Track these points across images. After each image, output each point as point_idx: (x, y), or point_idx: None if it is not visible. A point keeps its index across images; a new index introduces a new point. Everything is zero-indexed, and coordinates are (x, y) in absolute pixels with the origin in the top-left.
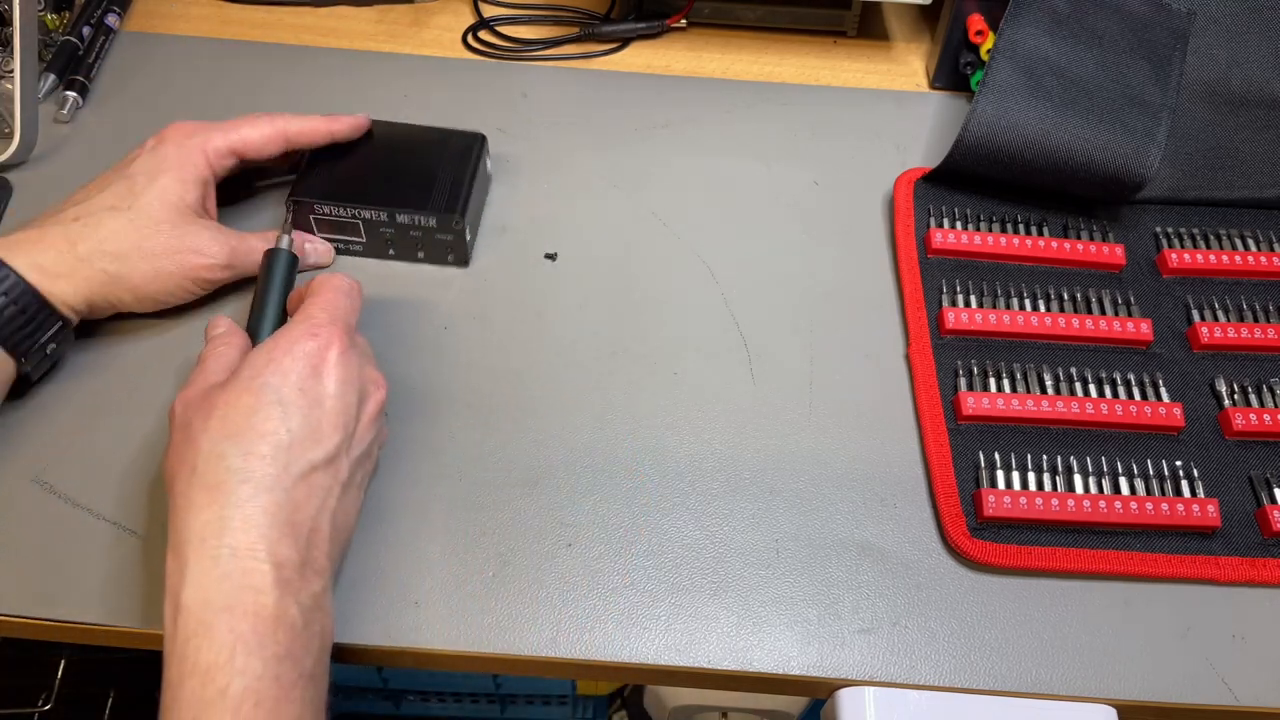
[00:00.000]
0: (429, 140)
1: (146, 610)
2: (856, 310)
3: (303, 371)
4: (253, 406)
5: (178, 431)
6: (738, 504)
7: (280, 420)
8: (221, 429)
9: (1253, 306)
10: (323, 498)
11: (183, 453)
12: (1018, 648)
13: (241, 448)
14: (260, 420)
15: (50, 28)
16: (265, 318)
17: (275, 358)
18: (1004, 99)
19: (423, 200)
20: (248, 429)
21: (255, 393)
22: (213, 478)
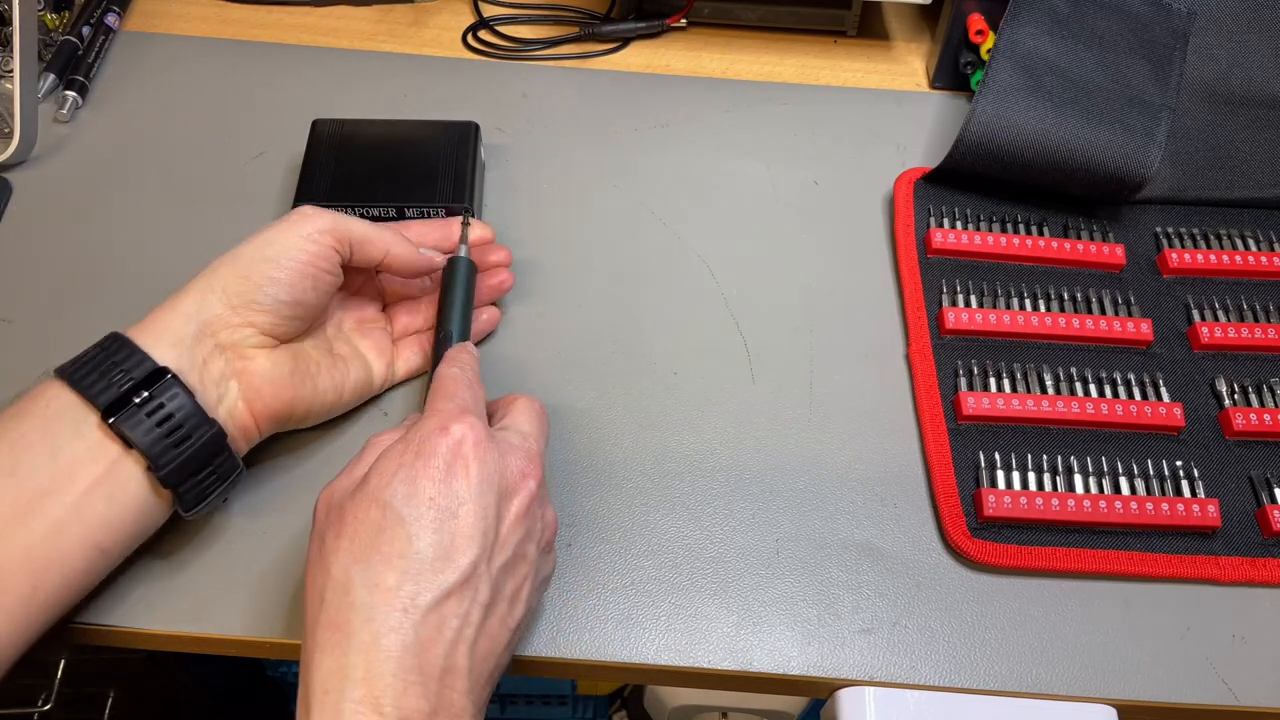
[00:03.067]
0: (423, 133)
1: (146, 610)
2: (856, 310)
3: (433, 475)
4: (379, 524)
5: (314, 542)
6: (738, 504)
7: (408, 540)
8: (350, 551)
9: (1253, 306)
10: (457, 628)
11: (315, 575)
12: (1018, 648)
13: (368, 577)
14: (386, 541)
15: (50, 27)
16: (451, 337)
17: (405, 462)
18: (1004, 99)
19: (429, 192)
20: (374, 552)
21: (382, 506)
22: (338, 614)
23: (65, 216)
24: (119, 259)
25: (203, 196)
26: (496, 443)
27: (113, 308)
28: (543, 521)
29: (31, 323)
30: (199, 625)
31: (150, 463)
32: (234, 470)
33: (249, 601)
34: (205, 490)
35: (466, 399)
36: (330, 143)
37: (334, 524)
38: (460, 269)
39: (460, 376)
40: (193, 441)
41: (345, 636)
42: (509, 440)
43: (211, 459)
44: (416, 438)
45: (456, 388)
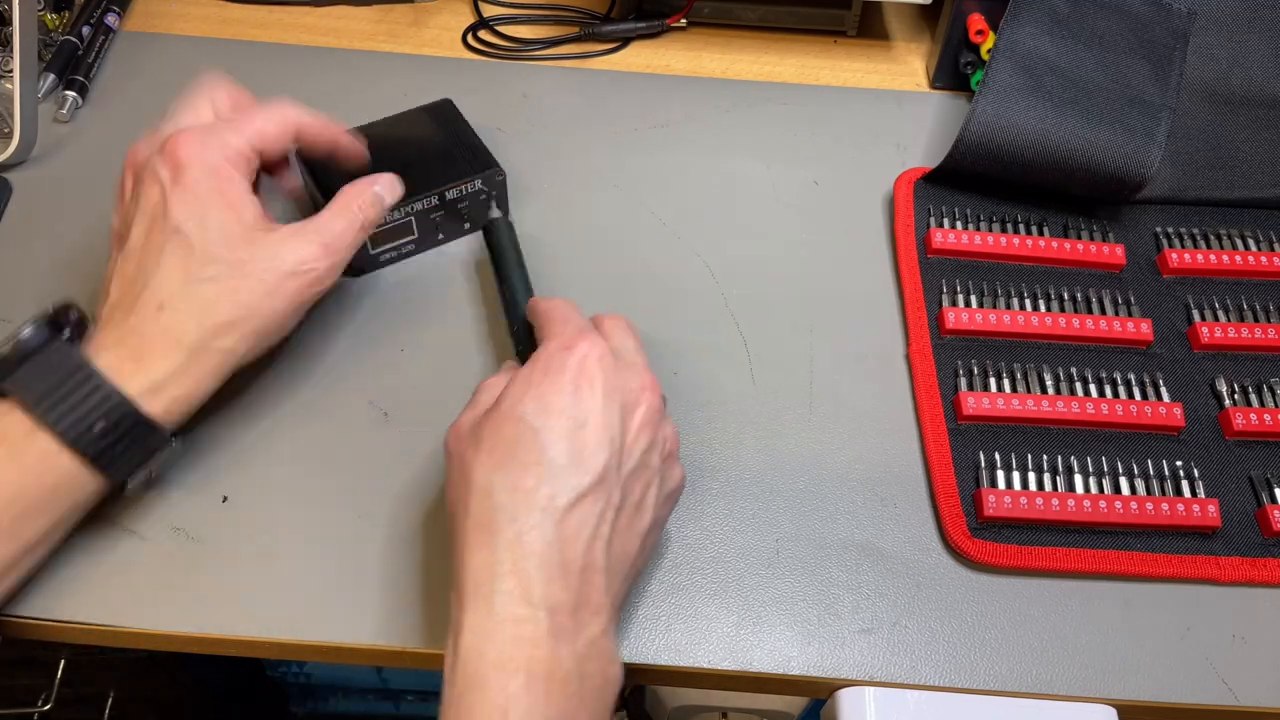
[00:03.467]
0: (409, 122)
1: (145, 610)
2: (856, 310)
3: (562, 390)
4: (515, 435)
5: (453, 463)
6: (738, 504)
7: (542, 449)
8: (490, 461)
9: (1253, 306)
10: (594, 526)
11: (458, 487)
12: (1018, 648)
13: (508, 481)
14: (523, 450)
15: (50, 27)
16: (517, 291)
17: (534, 380)
18: (1004, 99)
19: (455, 170)
20: (511, 460)
21: (516, 420)
22: (483, 515)
23: (65, 216)
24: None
25: None
26: (616, 359)
27: None
28: (663, 433)
29: None
30: (199, 625)
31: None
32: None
33: (249, 601)
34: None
35: (579, 321)
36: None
37: (471, 443)
38: (501, 233)
39: (563, 304)
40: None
41: (492, 535)
42: (625, 358)
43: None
44: (543, 357)
45: (568, 311)
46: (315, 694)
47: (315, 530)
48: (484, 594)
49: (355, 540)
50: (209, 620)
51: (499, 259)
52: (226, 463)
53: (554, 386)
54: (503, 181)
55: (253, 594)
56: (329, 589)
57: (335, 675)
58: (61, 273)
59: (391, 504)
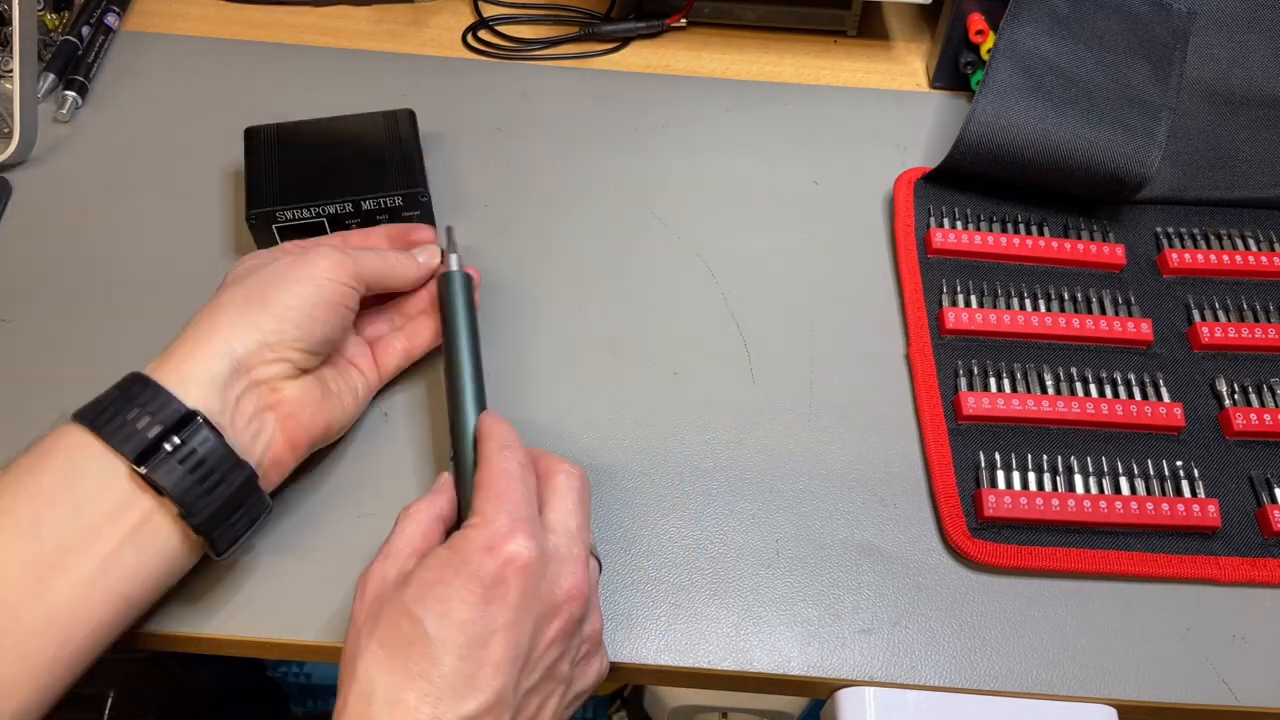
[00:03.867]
0: (362, 126)
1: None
2: (856, 310)
3: (470, 600)
4: (409, 637)
5: (351, 629)
6: (738, 504)
7: (432, 662)
8: (378, 657)
9: (1253, 306)
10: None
11: (345, 664)
12: (1018, 648)
13: (391, 691)
14: (414, 658)
15: (50, 27)
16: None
17: (444, 577)
18: (1004, 99)
19: (380, 182)
20: (400, 665)
21: (413, 621)
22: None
23: (65, 216)
24: (119, 259)
25: (202, 196)
26: (545, 561)
27: (113, 308)
28: (582, 635)
29: (31, 323)
30: (199, 625)
31: (183, 510)
32: (264, 511)
33: (249, 601)
34: (237, 533)
35: (519, 505)
36: (269, 147)
37: (369, 622)
38: (455, 286)
39: (512, 474)
40: (225, 486)
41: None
42: (559, 552)
43: (243, 501)
44: (463, 550)
45: (508, 486)
46: (315, 694)
47: (315, 531)
48: None
49: (355, 541)
50: (209, 620)
51: (447, 324)
52: None
53: (462, 595)
54: (427, 203)
55: (253, 594)
56: (329, 589)
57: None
58: (61, 273)
59: (391, 504)
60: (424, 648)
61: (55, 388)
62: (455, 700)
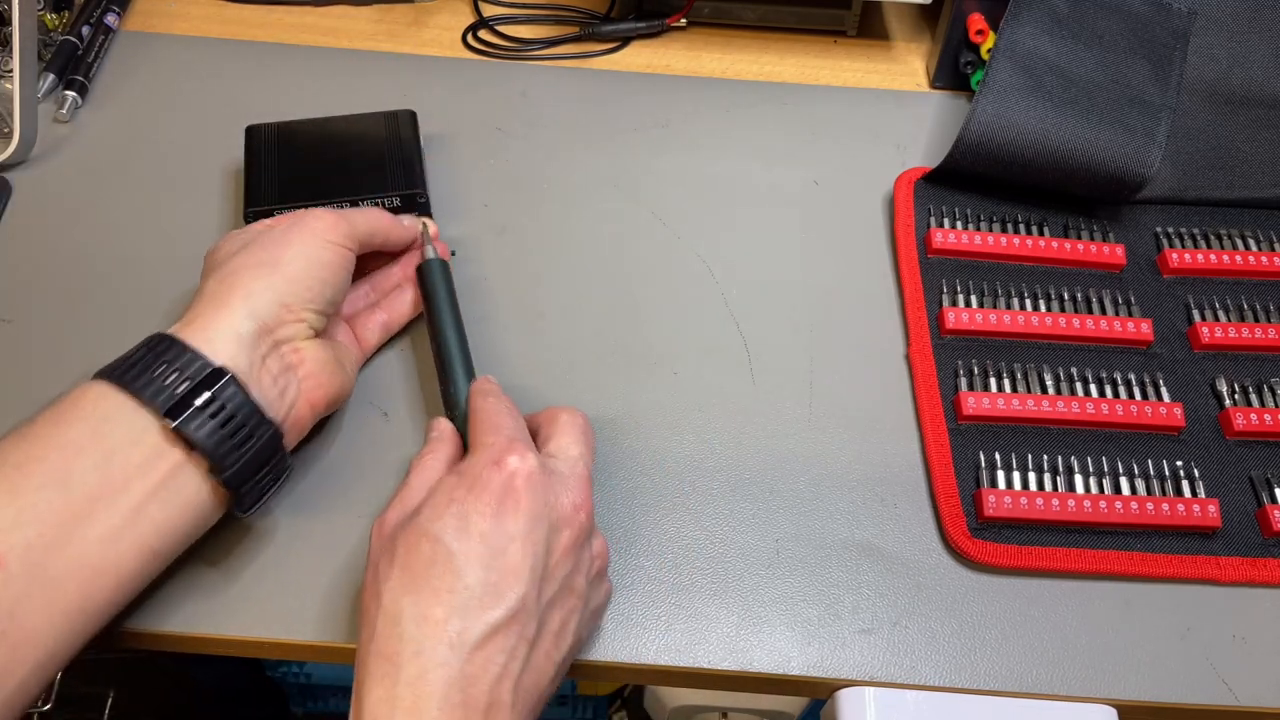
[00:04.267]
0: (363, 126)
1: (145, 609)
2: (856, 310)
3: (485, 511)
4: (430, 557)
5: (369, 568)
6: (738, 504)
7: (456, 575)
8: (401, 581)
9: (1253, 306)
10: (503, 663)
11: (368, 602)
12: (1018, 648)
13: (418, 608)
14: (437, 574)
15: (50, 27)
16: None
17: (456, 497)
18: (1004, 99)
19: (380, 182)
20: (424, 584)
21: (433, 540)
22: (387, 644)
23: (65, 216)
24: (119, 259)
25: (203, 196)
26: (548, 474)
27: (113, 307)
28: (591, 552)
29: (31, 323)
30: (199, 625)
31: (214, 465)
32: (286, 470)
33: (249, 601)
34: (263, 489)
35: (512, 428)
36: (269, 146)
37: (386, 553)
38: (434, 272)
39: (498, 405)
40: (255, 441)
41: (394, 668)
42: (559, 470)
43: (270, 458)
44: (470, 471)
45: (499, 417)
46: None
47: (315, 530)
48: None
49: (355, 540)
50: (209, 620)
51: (431, 309)
52: None
53: (476, 506)
54: (426, 204)
55: (253, 594)
56: (329, 589)
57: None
58: (61, 273)
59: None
60: (447, 563)
61: (55, 388)
62: (481, 609)
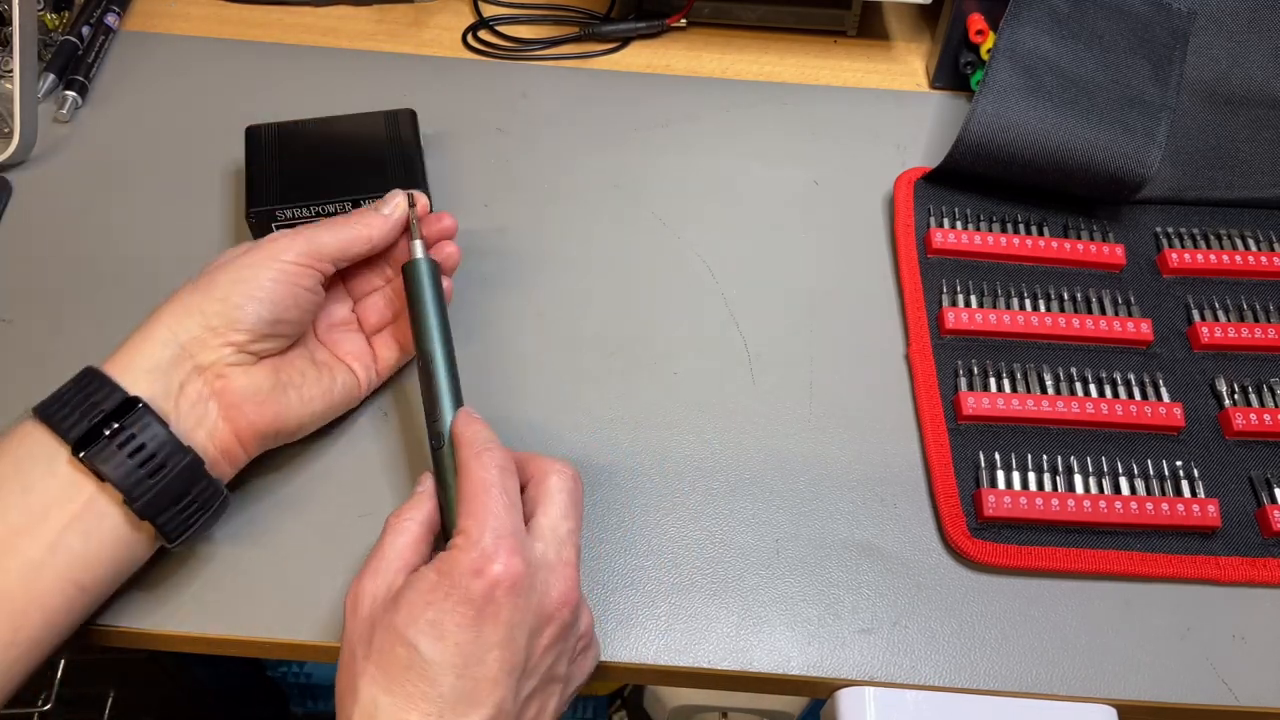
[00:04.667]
0: (363, 125)
1: (145, 609)
2: (856, 310)
3: (462, 622)
4: (406, 662)
5: (344, 647)
6: (738, 504)
7: (430, 683)
8: (376, 679)
9: (1253, 306)
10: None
11: (344, 684)
12: (1018, 648)
13: (393, 712)
14: (411, 680)
15: (50, 27)
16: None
17: (434, 601)
18: (1004, 99)
19: (381, 182)
20: (399, 687)
21: (408, 646)
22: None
23: (65, 216)
24: (119, 259)
25: (203, 196)
26: (533, 572)
27: (113, 308)
28: (576, 634)
29: (31, 323)
30: (199, 625)
31: (125, 495)
32: (216, 497)
33: (249, 601)
34: (187, 520)
35: (503, 520)
36: (270, 146)
37: (363, 643)
38: (421, 274)
39: (492, 482)
40: (168, 470)
41: None
42: (547, 560)
43: (190, 487)
44: (451, 573)
45: (491, 502)
46: (315, 694)
47: (315, 530)
48: None
49: (355, 540)
50: (209, 620)
51: (415, 316)
52: None
53: (455, 619)
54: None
55: (253, 594)
56: (329, 589)
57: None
58: (61, 273)
59: (392, 504)
60: (421, 670)
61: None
62: (456, 717)
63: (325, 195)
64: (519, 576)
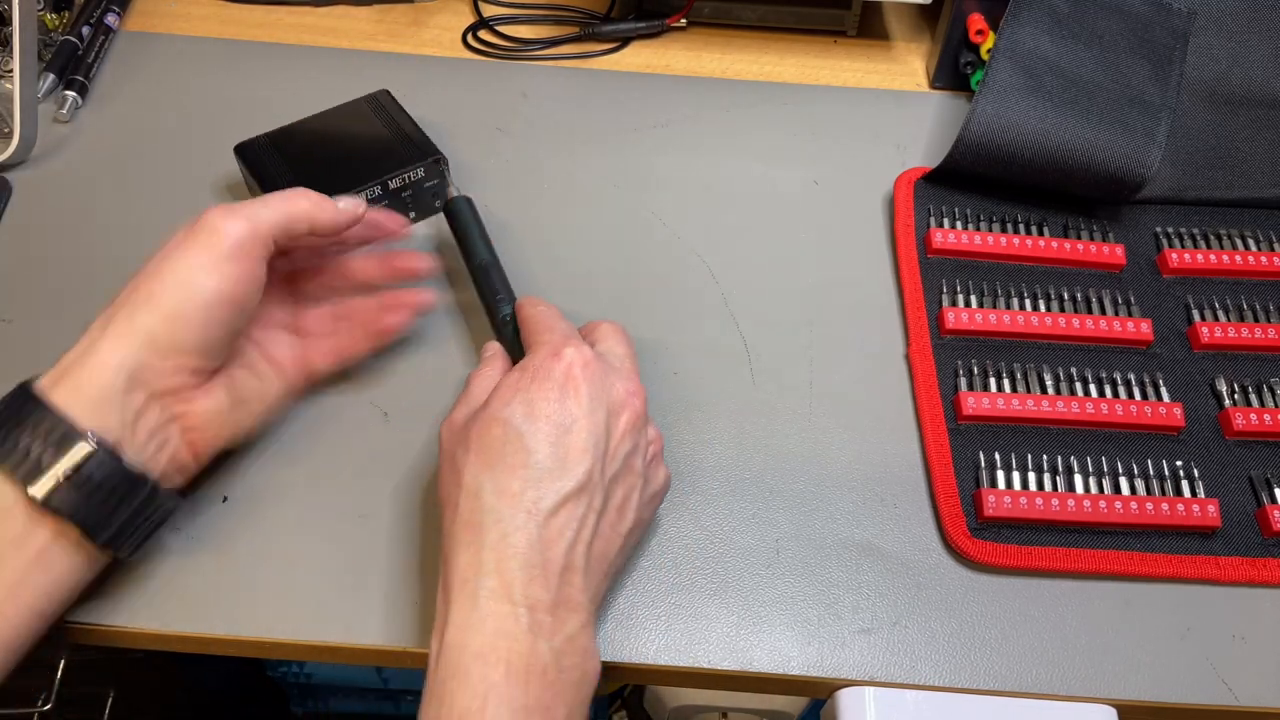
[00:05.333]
0: (349, 114)
1: (145, 610)
2: (856, 310)
3: (549, 396)
4: (502, 438)
5: (444, 460)
6: (738, 504)
7: (528, 452)
8: (478, 461)
9: (1253, 306)
10: (575, 529)
11: (449, 485)
12: (1018, 648)
13: (496, 483)
14: (511, 452)
15: (50, 27)
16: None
17: (522, 386)
18: (1004, 99)
19: (398, 159)
20: (499, 462)
21: (504, 423)
22: (472, 516)
23: (65, 216)
24: (119, 259)
25: (202, 196)
26: (603, 364)
27: None
28: (646, 437)
29: (31, 323)
30: (199, 625)
31: (86, 531)
32: (171, 511)
33: (249, 601)
34: (141, 538)
35: (565, 328)
36: (270, 155)
37: (462, 442)
38: (463, 209)
39: (548, 311)
40: (125, 505)
41: (478, 534)
42: (611, 363)
43: (147, 513)
44: (531, 365)
45: (552, 320)
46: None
47: (315, 530)
48: (469, 590)
49: (355, 540)
50: (209, 620)
51: (465, 240)
52: (227, 463)
53: (541, 392)
54: (444, 169)
55: (253, 594)
56: (329, 589)
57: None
58: (61, 273)
59: (391, 504)
60: (519, 443)
61: None
62: (553, 480)
63: (353, 184)
64: (590, 359)
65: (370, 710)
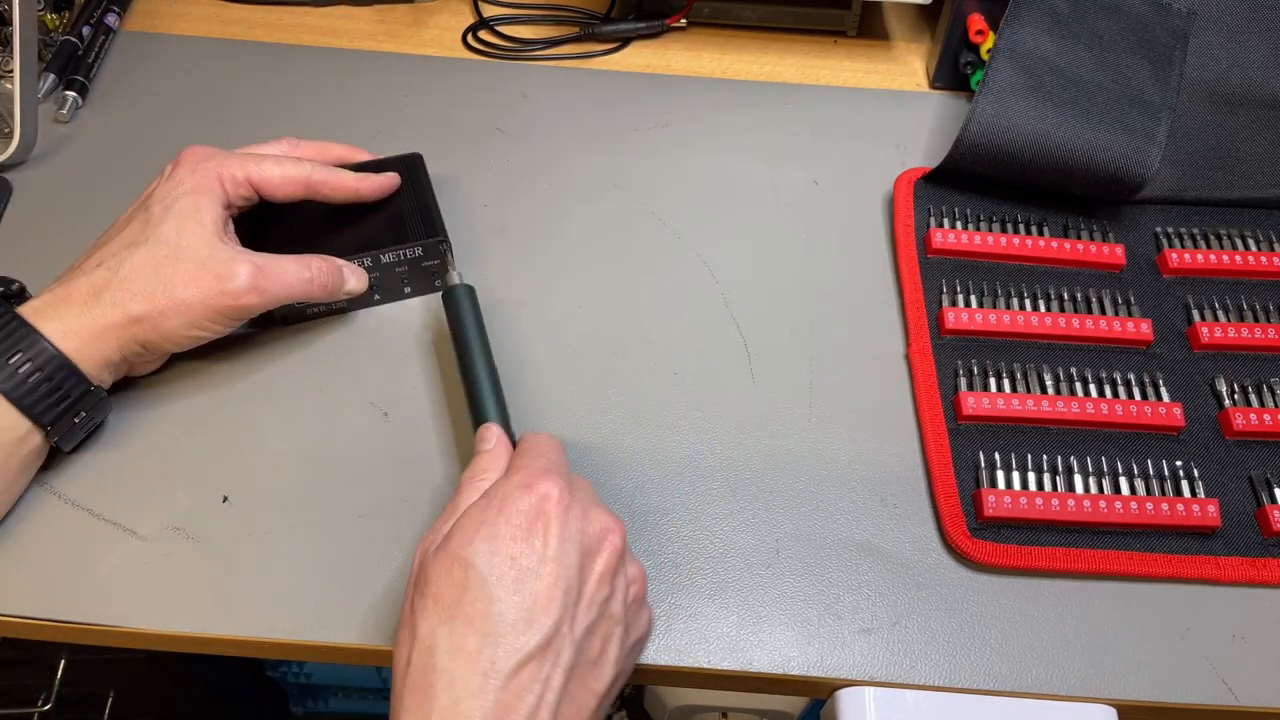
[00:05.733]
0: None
1: (145, 610)
2: (856, 310)
3: (515, 534)
4: (462, 583)
5: (406, 600)
6: (738, 504)
7: (489, 602)
8: (435, 611)
9: (1253, 306)
10: (539, 693)
11: (403, 635)
12: (1018, 648)
13: (451, 639)
14: (469, 601)
15: (50, 27)
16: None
17: (487, 519)
18: (1004, 99)
19: (400, 233)
20: (458, 612)
21: (464, 565)
22: (422, 677)
23: (65, 216)
24: None
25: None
26: (579, 501)
27: None
28: (627, 577)
29: None
30: (199, 625)
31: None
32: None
33: (249, 601)
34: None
35: (551, 458)
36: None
37: (420, 582)
38: (463, 298)
39: (547, 439)
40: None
41: (428, 699)
42: (590, 497)
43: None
44: (499, 494)
45: (543, 447)
46: (315, 694)
47: (315, 530)
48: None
49: (355, 540)
50: (209, 620)
51: (459, 336)
52: (227, 463)
53: (508, 531)
54: (446, 252)
55: (253, 594)
56: (329, 589)
57: (335, 675)
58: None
59: (391, 504)
60: (479, 590)
61: None
62: (515, 636)
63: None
64: (564, 495)
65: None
